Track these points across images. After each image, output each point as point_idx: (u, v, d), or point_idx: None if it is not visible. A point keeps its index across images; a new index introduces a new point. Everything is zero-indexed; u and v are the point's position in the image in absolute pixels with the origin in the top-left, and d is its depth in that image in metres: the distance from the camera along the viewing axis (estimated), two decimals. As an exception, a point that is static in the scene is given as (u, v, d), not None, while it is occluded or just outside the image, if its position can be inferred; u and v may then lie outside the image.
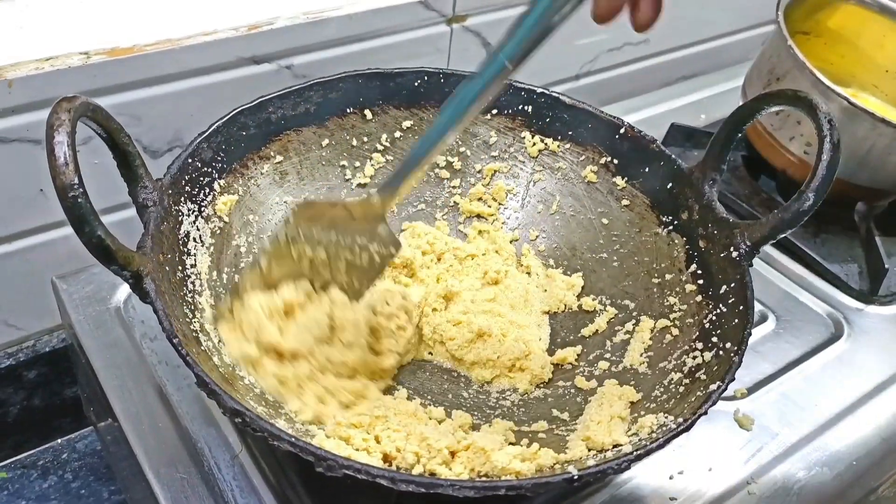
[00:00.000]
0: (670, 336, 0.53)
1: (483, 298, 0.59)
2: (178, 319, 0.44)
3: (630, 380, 0.51)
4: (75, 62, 0.59)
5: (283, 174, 0.60)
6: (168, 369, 0.56)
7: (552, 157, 0.64)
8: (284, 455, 0.51)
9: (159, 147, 0.67)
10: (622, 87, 0.99)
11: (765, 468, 0.56)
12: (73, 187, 0.38)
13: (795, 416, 0.59)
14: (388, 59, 0.74)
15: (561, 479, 0.38)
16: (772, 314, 0.68)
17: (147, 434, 0.53)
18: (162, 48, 0.62)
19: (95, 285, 0.61)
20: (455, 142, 0.65)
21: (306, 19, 0.68)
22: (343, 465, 0.37)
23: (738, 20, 1.06)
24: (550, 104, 0.63)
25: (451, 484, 0.37)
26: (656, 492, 0.53)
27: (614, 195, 0.61)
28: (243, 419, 0.39)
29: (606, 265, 0.60)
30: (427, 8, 0.74)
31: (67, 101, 0.39)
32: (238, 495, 0.49)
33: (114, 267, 0.41)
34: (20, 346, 0.70)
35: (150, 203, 0.47)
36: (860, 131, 0.68)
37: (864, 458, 0.58)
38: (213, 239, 0.53)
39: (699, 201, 0.56)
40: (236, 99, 0.57)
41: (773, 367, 0.63)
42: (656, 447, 0.40)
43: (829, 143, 0.48)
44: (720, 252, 0.53)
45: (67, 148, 0.38)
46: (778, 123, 0.75)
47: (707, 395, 0.44)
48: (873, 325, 0.68)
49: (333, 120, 0.61)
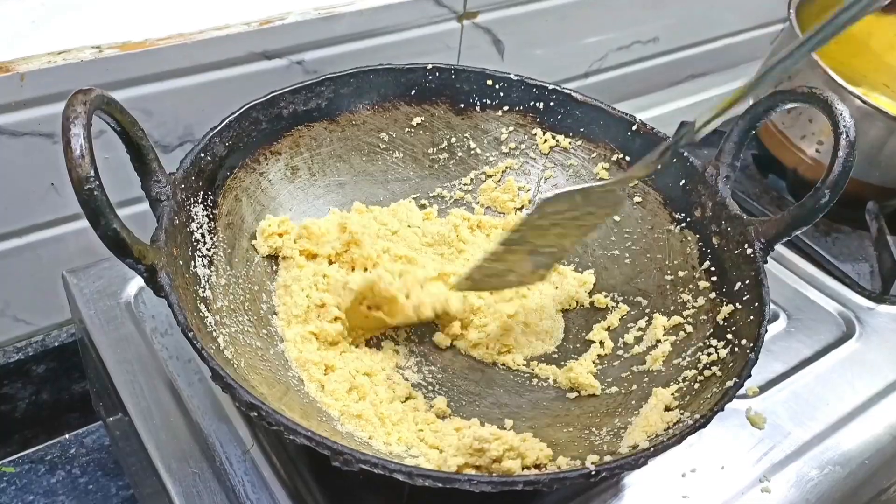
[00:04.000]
0: (684, 333, 0.52)
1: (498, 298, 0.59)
2: (192, 314, 0.44)
3: (644, 377, 0.51)
4: (87, 56, 0.59)
5: (295, 169, 0.59)
6: (179, 364, 0.56)
7: (564, 154, 0.64)
8: (296, 450, 0.51)
9: (170, 142, 0.66)
10: (631, 85, 0.98)
11: (777, 467, 0.55)
12: (90, 180, 0.38)
13: (807, 414, 0.59)
14: (399, 55, 0.74)
15: (578, 475, 0.38)
16: (783, 313, 0.68)
17: (158, 429, 0.53)
18: (174, 42, 0.62)
19: (106, 280, 0.61)
20: (466, 137, 0.65)
21: (318, 15, 0.67)
22: (360, 460, 0.37)
23: (747, 19, 1.05)
24: (562, 101, 0.63)
25: (468, 479, 0.37)
26: (669, 490, 0.53)
27: (626, 192, 0.61)
28: (259, 413, 0.39)
29: (619, 262, 0.60)
30: (438, 4, 0.74)
31: (83, 93, 0.39)
32: (249, 490, 0.49)
33: (129, 260, 0.41)
34: (29, 341, 0.70)
35: (164, 197, 0.47)
36: (872, 130, 0.68)
37: (875, 456, 0.58)
38: (224, 234, 0.53)
39: (712, 198, 0.55)
40: (248, 94, 0.57)
41: (785, 365, 0.63)
42: (673, 443, 0.40)
43: (845, 139, 0.48)
44: (734, 249, 0.53)
45: (84, 140, 0.38)
46: (789, 122, 0.75)
47: (724, 391, 0.43)
48: (885, 325, 0.68)
49: (344, 115, 0.61)
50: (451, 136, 0.64)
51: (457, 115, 0.64)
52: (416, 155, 0.64)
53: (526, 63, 0.85)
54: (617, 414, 0.48)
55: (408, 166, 0.64)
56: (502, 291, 0.58)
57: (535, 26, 0.83)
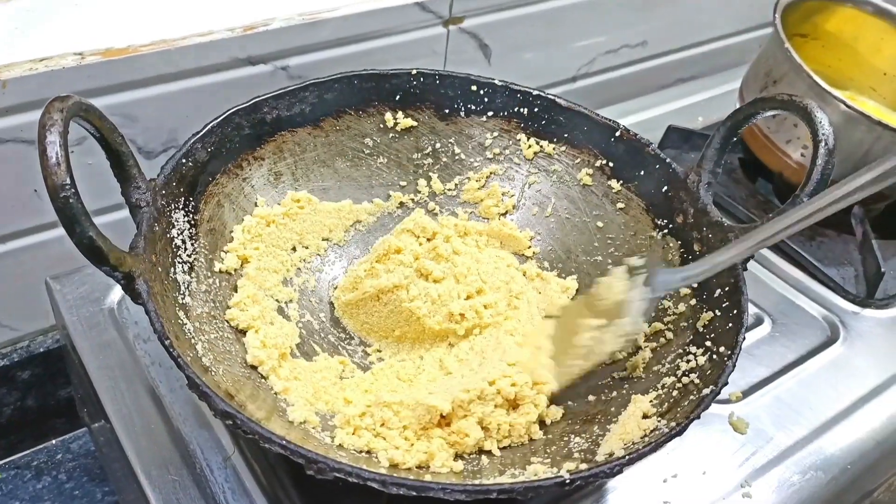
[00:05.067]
0: (664, 339, 0.53)
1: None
2: (171, 321, 0.44)
3: (624, 383, 0.51)
4: (70, 63, 0.59)
5: (278, 175, 0.59)
6: (161, 371, 0.56)
7: (548, 160, 0.64)
8: (276, 457, 0.51)
9: (154, 147, 0.66)
10: (619, 89, 0.98)
11: (759, 472, 0.55)
12: (65, 187, 0.38)
13: (790, 419, 0.59)
14: (384, 60, 0.74)
15: (552, 483, 0.38)
16: (768, 317, 0.68)
17: (139, 435, 0.53)
18: (157, 49, 0.62)
19: (89, 286, 0.61)
20: (450, 143, 0.65)
21: (302, 20, 0.67)
22: (333, 468, 0.37)
23: (735, 23, 1.06)
24: (546, 106, 0.63)
25: (441, 487, 0.37)
26: (650, 495, 0.53)
27: (609, 198, 0.61)
28: (234, 421, 0.39)
29: (601, 268, 0.60)
30: (424, 10, 0.74)
31: (60, 100, 0.39)
32: (230, 497, 0.49)
33: (105, 268, 0.41)
34: (14, 347, 0.70)
35: (143, 203, 0.47)
36: (857, 134, 0.68)
37: (859, 461, 0.58)
38: (206, 239, 0.53)
39: (694, 205, 0.56)
40: (232, 100, 0.57)
41: (769, 370, 0.63)
42: (649, 451, 0.40)
43: (824, 147, 0.48)
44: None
45: (59, 148, 0.38)
46: (775, 126, 0.75)
47: (700, 399, 0.44)
48: (869, 329, 0.68)
49: (328, 121, 0.61)
50: (435, 141, 0.64)
51: (441, 120, 0.64)
52: (400, 160, 0.64)
53: (513, 67, 0.85)
54: (596, 421, 0.48)
55: (392, 171, 0.64)
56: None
57: (522, 31, 0.83)
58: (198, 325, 0.48)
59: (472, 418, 0.47)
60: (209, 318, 0.50)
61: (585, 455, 0.45)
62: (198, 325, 0.48)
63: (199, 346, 0.46)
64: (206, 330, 0.48)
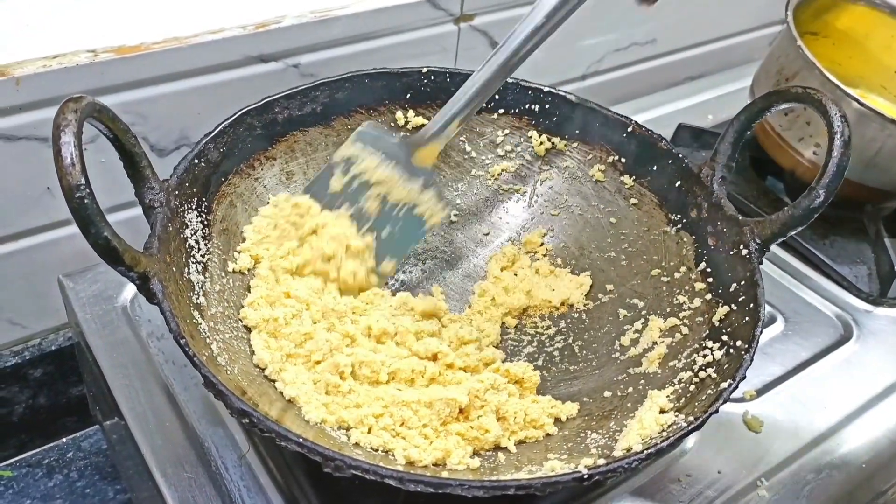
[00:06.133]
0: (680, 335, 0.52)
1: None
2: (186, 321, 0.44)
3: (640, 379, 0.51)
4: (83, 60, 0.59)
5: (290, 174, 0.59)
6: (175, 369, 0.56)
7: (559, 157, 0.64)
8: (292, 455, 0.51)
9: (166, 145, 0.66)
10: (629, 87, 0.98)
11: (774, 470, 0.55)
12: (80, 188, 0.38)
13: (804, 418, 0.59)
14: (395, 58, 0.74)
15: (570, 479, 0.38)
16: (781, 316, 0.67)
17: (154, 433, 0.52)
18: (169, 46, 0.62)
19: (102, 284, 0.61)
20: (461, 141, 0.64)
21: (314, 18, 0.67)
22: (351, 466, 0.37)
23: (746, 20, 1.05)
24: (557, 103, 0.63)
25: (459, 483, 0.37)
26: (665, 494, 0.53)
27: (622, 194, 0.61)
28: (251, 419, 0.39)
29: (615, 264, 0.60)
30: (434, 7, 0.74)
31: (74, 101, 0.39)
32: (245, 495, 0.49)
33: (120, 268, 0.41)
34: (26, 345, 0.70)
35: (157, 204, 0.47)
36: (869, 132, 0.68)
37: (873, 460, 0.58)
38: (219, 240, 0.53)
39: (708, 199, 0.55)
40: (243, 97, 0.57)
41: (782, 368, 0.63)
42: (667, 446, 0.40)
43: (839, 139, 0.48)
44: (730, 250, 0.52)
45: (74, 148, 0.38)
46: (787, 124, 0.75)
47: (718, 393, 0.43)
48: (882, 328, 0.68)
49: (340, 120, 0.61)
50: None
51: (452, 118, 0.64)
52: (411, 158, 0.64)
53: (523, 65, 0.85)
54: (612, 417, 0.48)
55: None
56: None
57: (532, 28, 0.83)
58: (212, 324, 0.48)
59: (488, 408, 0.47)
60: (223, 317, 0.50)
61: (602, 451, 0.44)
62: (212, 324, 0.48)
63: (214, 346, 0.46)
64: (221, 329, 0.48)
